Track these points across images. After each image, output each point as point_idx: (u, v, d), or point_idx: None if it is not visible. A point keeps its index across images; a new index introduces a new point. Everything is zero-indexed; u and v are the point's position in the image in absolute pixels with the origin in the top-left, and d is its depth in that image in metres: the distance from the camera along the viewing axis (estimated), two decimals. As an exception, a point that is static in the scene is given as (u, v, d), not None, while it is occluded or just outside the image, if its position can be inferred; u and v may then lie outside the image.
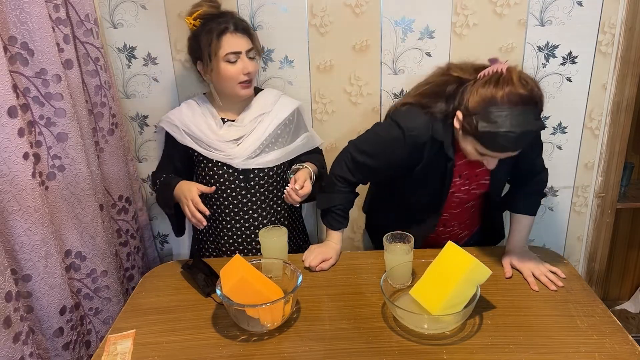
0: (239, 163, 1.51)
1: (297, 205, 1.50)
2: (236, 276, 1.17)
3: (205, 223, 1.38)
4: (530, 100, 1.14)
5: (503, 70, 1.17)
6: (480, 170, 1.41)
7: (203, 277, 1.36)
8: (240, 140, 1.53)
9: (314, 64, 1.76)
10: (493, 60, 1.23)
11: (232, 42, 1.42)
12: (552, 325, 1.17)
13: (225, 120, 1.56)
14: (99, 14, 1.67)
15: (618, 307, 2.26)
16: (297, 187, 1.41)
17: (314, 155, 1.65)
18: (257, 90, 1.62)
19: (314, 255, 1.46)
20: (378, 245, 1.72)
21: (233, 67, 1.44)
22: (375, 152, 1.42)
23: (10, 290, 1.16)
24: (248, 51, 1.45)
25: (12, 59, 1.25)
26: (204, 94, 1.62)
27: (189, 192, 1.40)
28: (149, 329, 1.23)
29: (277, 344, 1.16)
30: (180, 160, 1.57)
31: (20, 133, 1.20)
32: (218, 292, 1.18)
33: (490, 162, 1.28)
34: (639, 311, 2.22)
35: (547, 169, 1.47)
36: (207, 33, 1.43)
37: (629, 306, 2.26)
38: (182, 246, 1.90)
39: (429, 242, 1.53)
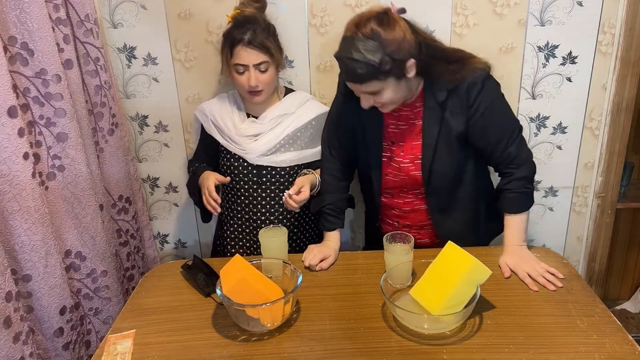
0: (253, 158, 1.56)
1: (297, 211, 1.51)
2: (236, 276, 1.17)
3: (219, 210, 1.48)
4: (366, 35, 1.21)
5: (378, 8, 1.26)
6: (416, 144, 1.41)
7: (203, 277, 1.36)
8: (258, 137, 1.58)
9: (314, 64, 1.76)
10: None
11: (242, 55, 1.46)
12: (552, 325, 1.17)
13: (250, 115, 1.62)
14: (99, 14, 1.67)
15: (618, 307, 2.26)
16: (292, 192, 1.44)
17: None
18: (289, 90, 1.67)
19: (312, 255, 1.46)
20: (369, 240, 1.74)
21: (240, 77, 1.49)
22: (333, 118, 1.55)
23: (10, 290, 1.16)
24: (258, 65, 1.47)
25: (12, 59, 1.25)
26: None
27: (207, 180, 1.50)
28: (149, 329, 1.23)
29: (277, 344, 1.16)
30: (211, 148, 1.65)
31: (20, 133, 1.20)
32: (218, 292, 1.18)
33: (362, 100, 1.34)
34: (639, 311, 2.22)
35: (532, 161, 1.40)
36: (225, 39, 1.49)
37: (629, 306, 2.25)
38: (209, 230, 1.96)
39: None
